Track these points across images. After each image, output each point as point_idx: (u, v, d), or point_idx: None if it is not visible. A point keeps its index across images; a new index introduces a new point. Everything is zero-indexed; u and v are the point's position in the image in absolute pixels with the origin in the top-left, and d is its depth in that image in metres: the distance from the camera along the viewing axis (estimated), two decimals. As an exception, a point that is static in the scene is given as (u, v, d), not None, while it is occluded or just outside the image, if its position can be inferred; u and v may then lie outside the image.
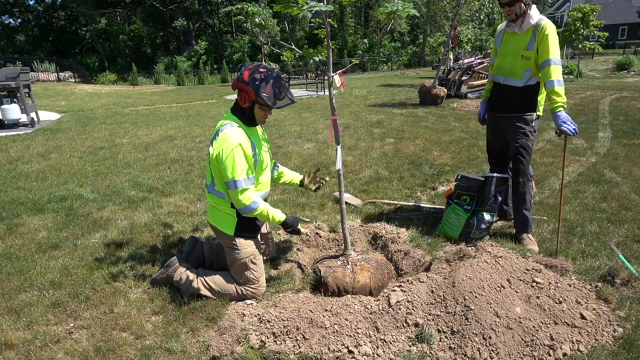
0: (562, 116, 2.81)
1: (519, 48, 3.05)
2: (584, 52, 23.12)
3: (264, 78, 2.40)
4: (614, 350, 2.11)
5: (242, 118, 2.53)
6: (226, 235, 2.60)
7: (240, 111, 2.53)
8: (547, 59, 2.90)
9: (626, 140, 6.56)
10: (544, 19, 2.96)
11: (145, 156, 6.47)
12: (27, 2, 42.90)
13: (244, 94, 2.43)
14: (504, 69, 3.18)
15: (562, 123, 2.80)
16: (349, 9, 39.99)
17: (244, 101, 2.46)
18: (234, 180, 2.39)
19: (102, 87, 23.74)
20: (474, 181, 3.27)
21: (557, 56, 2.91)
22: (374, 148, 6.57)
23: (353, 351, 2.14)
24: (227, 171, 2.39)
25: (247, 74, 2.40)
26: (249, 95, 2.41)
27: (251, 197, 2.46)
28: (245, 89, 2.41)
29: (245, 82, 2.39)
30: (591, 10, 16.02)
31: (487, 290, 2.34)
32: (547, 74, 2.89)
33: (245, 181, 2.42)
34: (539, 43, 2.94)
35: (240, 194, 2.42)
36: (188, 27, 40.17)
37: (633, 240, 3.27)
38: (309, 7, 2.25)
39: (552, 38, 2.91)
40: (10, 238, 3.61)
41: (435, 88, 11.15)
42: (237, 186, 2.40)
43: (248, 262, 2.59)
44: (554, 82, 2.86)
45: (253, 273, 2.61)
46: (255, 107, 2.49)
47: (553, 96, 2.84)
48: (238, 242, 2.59)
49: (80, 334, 2.37)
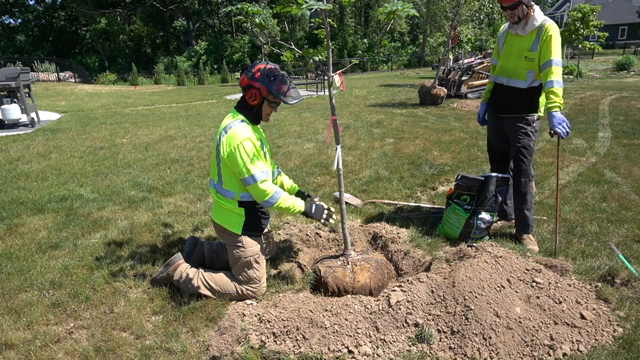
0: (558, 117, 2.84)
1: (523, 49, 3.05)
2: (583, 52, 23.15)
3: (276, 75, 2.44)
4: (613, 350, 2.11)
5: (248, 115, 2.55)
6: (232, 234, 2.60)
7: (246, 108, 2.55)
8: (549, 60, 2.91)
9: (626, 140, 6.56)
10: (547, 20, 2.97)
11: (145, 156, 6.47)
12: (27, 2, 42.97)
13: (254, 91, 2.46)
14: (508, 70, 3.18)
15: (557, 124, 2.83)
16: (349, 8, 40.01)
17: (253, 98, 2.48)
18: (251, 174, 2.40)
19: (102, 87, 23.75)
20: (474, 181, 3.27)
21: (559, 57, 2.92)
22: (374, 148, 6.57)
23: (353, 351, 2.14)
24: (242, 167, 2.40)
25: (259, 71, 2.43)
26: (261, 92, 2.45)
27: (272, 188, 2.47)
28: (257, 86, 2.44)
29: (257, 79, 2.43)
30: (591, 10, 16.02)
31: (487, 290, 2.34)
32: (548, 74, 2.91)
33: (263, 173, 2.44)
34: (542, 44, 2.95)
35: (261, 185, 2.43)
36: (188, 27, 40.17)
37: (633, 240, 3.27)
38: (308, 5, 2.25)
39: (555, 39, 2.92)
40: (10, 238, 3.61)
41: (435, 88, 11.14)
42: (256, 179, 2.41)
43: (252, 261, 2.59)
44: (553, 82, 2.87)
45: (256, 272, 2.61)
46: (264, 104, 2.52)
47: (551, 95, 2.86)
48: (244, 240, 2.59)
49: (80, 334, 2.37)
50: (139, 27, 42.53)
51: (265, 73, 2.43)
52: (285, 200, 2.51)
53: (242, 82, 2.49)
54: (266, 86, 2.43)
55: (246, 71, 2.47)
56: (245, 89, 2.49)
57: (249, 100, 2.50)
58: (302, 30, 39.26)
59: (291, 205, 2.54)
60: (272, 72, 2.44)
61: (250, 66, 2.48)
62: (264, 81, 2.43)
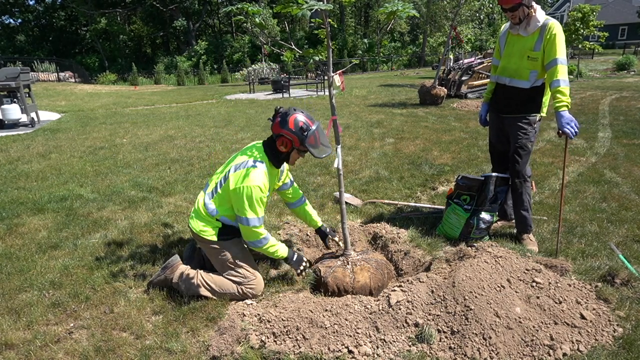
0: (566, 116, 2.80)
1: (525, 49, 3.03)
2: (583, 52, 23.13)
3: (309, 128, 2.50)
4: (613, 350, 2.11)
5: (272, 158, 2.61)
6: (209, 241, 2.62)
7: (274, 152, 2.60)
8: (554, 59, 2.88)
9: (626, 140, 6.56)
10: (550, 19, 2.95)
11: (145, 156, 6.47)
12: (27, 2, 42.96)
13: (286, 140, 2.52)
14: (510, 70, 3.16)
15: (566, 124, 2.79)
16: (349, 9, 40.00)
17: (284, 146, 2.55)
18: (247, 217, 2.48)
19: (102, 87, 23.74)
20: (474, 181, 3.27)
21: (564, 56, 2.90)
22: (374, 148, 6.57)
23: (353, 351, 2.14)
24: (243, 208, 2.47)
25: (293, 122, 2.48)
26: (293, 142, 2.52)
27: (262, 233, 2.55)
28: (290, 136, 2.50)
29: (291, 130, 2.48)
30: (591, 10, 16.01)
31: (487, 290, 2.34)
32: (554, 74, 2.88)
33: (258, 220, 2.52)
34: (546, 43, 2.92)
35: (252, 229, 2.52)
36: (188, 27, 40.17)
37: (633, 240, 3.27)
38: (308, 6, 2.25)
39: (559, 38, 2.89)
40: (10, 238, 3.61)
41: (435, 88, 11.14)
42: (250, 223, 2.50)
43: (238, 260, 2.62)
44: (560, 82, 2.84)
45: (247, 269, 2.63)
46: (293, 152, 2.60)
47: (558, 95, 2.83)
48: (222, 245, 2.63)
49: (80, 334, 2.37)
50: (139, 27, 42.54)
51: (300, 126, 2.49)
52: (271, 245, 2.60)
53: (274, 128, 2.54)
54: (299, 138, 2.50)
55: (280, 119, 2.52)
56: (277, 136, 2.54)
57: (279, 147, 2.56)
58: (302, 30, 39.27)
59: (275, 250, 2.63)
60: (306, 125, 2.50)
61: (285, 114, 2.52)
62: (298, 133, 2.49)
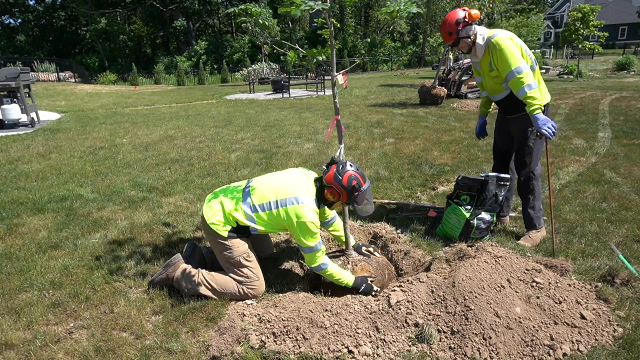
0: (541, 118, 2.85)
1: (485, 71, 3.15)
2: (583, 52, 23.13)
3: (360, 188, 2.55)
4: (613, 350, 2.11)
5: (320, 200, 2.66)
6: (218, 235, 2.62)
7: (322, 196, 2.64)
8: (509, 72, 2.92)
9: (626, 140, 6.56)
10: (492, 36, 2.97)
11: (145, 156, 6.47)
12: (27, 2, 42.93)
13: (336, 193, 2.57)
14: (489, 89, 3.29)
15: (542, 125, 2.85)
16: (349, 9, 39.98)
17: (332, 196, 2.60)
18: (310, 246, 2.53)
19: (102, 87, 23.74)
20: (474, 181, 3.27)
21: (519, 64, 2.89)
22: (374, 148, 6.57)
23: (353, 351, 2.14)
24: (302, 239, 2.52)
25: (347, 180, 2.53)
26: (342, 197, 2.58)
27: (324, 258, 2.59)
28: (340, 191, 2.55)
29: (343, 186, 2.53)
30: (591, 10, 16.02)
31: (487, 290, 2.34)
32: (515, 85, 2.92)
33: (320, 244, 2.57)
34: (496, 61, 2.96)
35: (315, 255, 2.56)
36: (188, 27, 40.16)
37: (633, 240, 3.27)
38: (306, 5, 2.25)
39: (506, 50, 2.90)
40: (10, 238, 3.61)
41: (435, 88, 11.15)
42: (314, 249, 2.55)
43: (242, 260, 2.62)
44: (524, 89, 2.87)
45: (251, 270, 2.62)
46: (338, 202, 2.64)
47: (528, 100, 2.87)
48: (230, 242, 2.62)
49: (80, 334, 2.37)
50: (139, 27, 42.52)
51: (352, 185, 2.53)
52: (334, 271, 2.61)
53: (327, 178, 2.57)
54: (348, 195, 2.55)
55: (335, 171, 2.55)
56: (329, 186, 2.58)
57: (327, 195, 2.61)
58: (302, 30, 39.26)
59: (339, 278, 2.62)
60: (358, 185, 2.54)
61: (341, 168, 2.56)
62: (349, 191, 2.54)
